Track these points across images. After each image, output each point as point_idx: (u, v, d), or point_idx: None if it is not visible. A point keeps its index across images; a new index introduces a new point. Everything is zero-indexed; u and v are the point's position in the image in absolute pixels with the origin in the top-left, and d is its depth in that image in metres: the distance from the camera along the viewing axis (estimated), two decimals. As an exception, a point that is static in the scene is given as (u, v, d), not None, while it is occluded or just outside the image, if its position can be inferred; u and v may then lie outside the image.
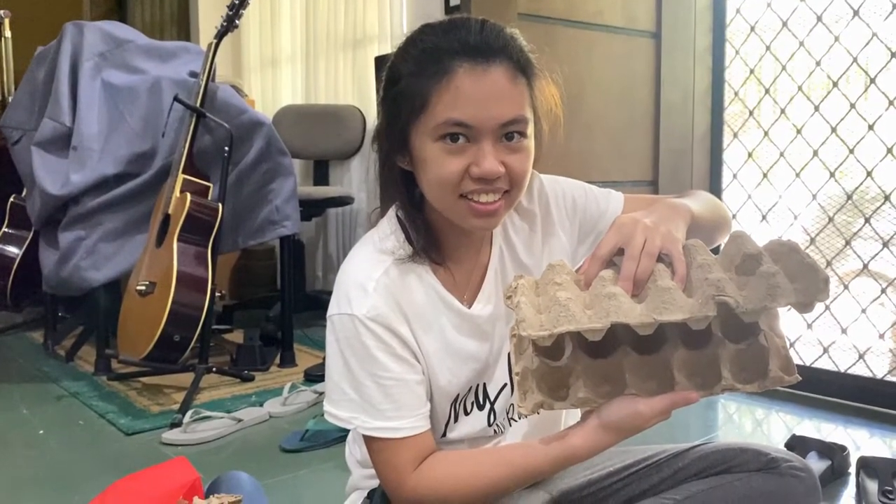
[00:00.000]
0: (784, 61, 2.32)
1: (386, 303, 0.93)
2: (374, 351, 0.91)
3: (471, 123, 0.87)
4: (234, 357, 2.64)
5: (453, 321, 0.98)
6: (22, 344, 3.11)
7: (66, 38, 2.72)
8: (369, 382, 0.92)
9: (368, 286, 0.93)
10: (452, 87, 0.86)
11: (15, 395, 2.40)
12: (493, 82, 0.87)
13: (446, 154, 0.88)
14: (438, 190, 0.91)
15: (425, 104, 0.88)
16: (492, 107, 0.87)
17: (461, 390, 1.00)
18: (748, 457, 1.02)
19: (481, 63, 0.86)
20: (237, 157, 2.47)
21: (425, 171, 0.91)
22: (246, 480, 1.32)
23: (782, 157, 2.33)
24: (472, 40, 0.88)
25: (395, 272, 0.95)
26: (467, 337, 0.99)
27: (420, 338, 0.96)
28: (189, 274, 2.23)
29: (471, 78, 0.86)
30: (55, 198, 2.54)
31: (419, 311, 0.96)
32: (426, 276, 0.97)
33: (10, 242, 3.19)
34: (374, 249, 0.97)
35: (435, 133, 0.88)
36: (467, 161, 0.88)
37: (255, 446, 1.93)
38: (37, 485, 1.71)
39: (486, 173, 0.87)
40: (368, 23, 3.54)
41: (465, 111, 0.86)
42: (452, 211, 0.92)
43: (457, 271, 1.00)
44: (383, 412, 0.92)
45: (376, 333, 0.92)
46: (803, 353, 2.29)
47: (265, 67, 4.27)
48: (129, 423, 2.06)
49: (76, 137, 2.58)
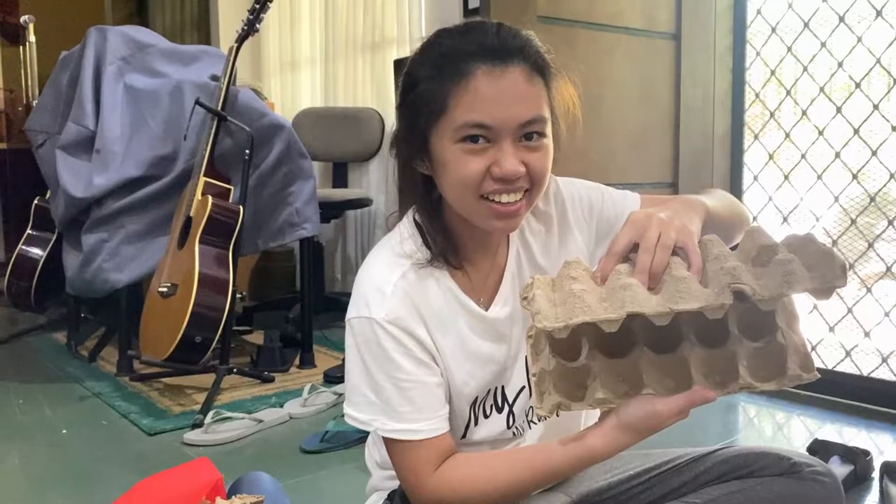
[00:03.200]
0: (805, 62, 2.31)
1: (404, 306, 0.93)
2: (393, 353, 0.92)
3: (490, 124, 0.87)
4: (255, 358, 2.66)
5: (471, 324, 0.99)
6: (45, 344, 3.15)
7: (90, 43, 2.76)
8: (388, 385, 0.93)
9: (386, 290, 0.93)
10: (471, 89, 0.87)
11: (38, 395, 2.43)
12: (510, 83, 0.87)
13: (467, 155, 0.89)
14: (459, 192, 0.91)
15: (444, 107, 0.88)
16: (510, 107, 0.87)
17: (480, 393, 1.00)
18: (770, 461, 1.02)
19: (499, 65, 0.87)
20: (258, 160, 2.49)
21: (446, 173, 0.91)
22: (267, 481, 1.33)
23: (804, 158, 2.32)
24: (489, 42, 0.88)
25: (413, 276, 0.96)
26: (485, 339, 1.00)
27: (438, 340, 0.96)
28: (211, 276, 2.25)
29: (489, 79, 0.87)
30: (79, 200, 2.57)
31: (437, 314, 0.96)
32: (444, 280, 0.98)
33: (34, 244, 3.23)
34: (392, 253, 0.98)
35: (455, 135, 0.88)
36: (488, 162, 0.88)
37: (276, 447, 1.94)
38: (60, 484, 1.74)
39: (507, 174, 0.88)
40: (387, 26, 3.55)
41: (484, 113, 0.87)
42: (473, 213, 0.93)
43: (474, 274, 1.01)
44: (402, 414, 0.92)
45: (394, 336, 0.92)
46: (825, 357, 2.27)
47: (285, 71, 4.30)
48: (152, 424, 2.08)
49: (99, 140, 2.61)
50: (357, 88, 3.76)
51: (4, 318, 3.72)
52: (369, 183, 3.72)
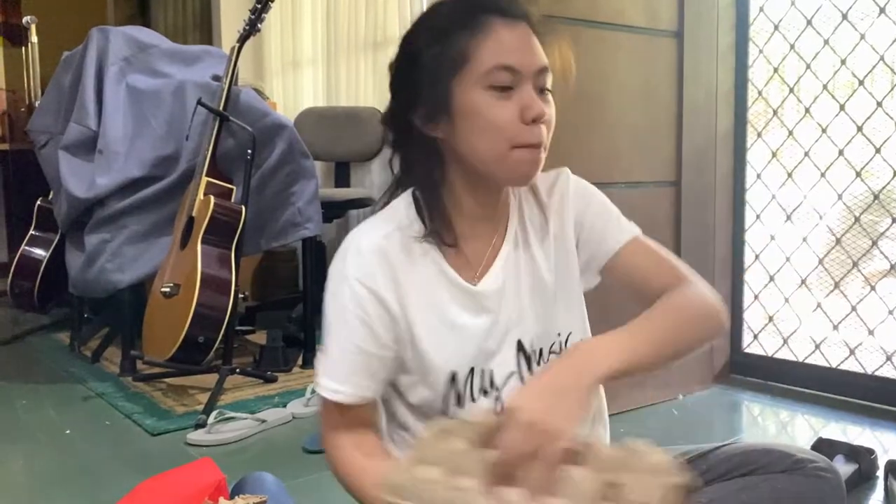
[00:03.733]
0: (808, 60, 2.30)
1: (377, 264, 0.95)
2: (349, 312, 0.96)
3: (517, 67, 0.92)
4: (258, 358, 2.66)
5: (452, 294, 0.99)
6: (49, 345, 3.16)
7: (92, 44, 2.76)
8: (334, 344, 0.98)
9: (364, 246, 0.97)
10: (493, 36, 0.92)
11: (42, 395, 2.43)
12: (524, 34, 0.94)
13: (497, 102, 0.92)
14: (491, 139, 0.93)
15: (467, 57, 0.92)
16: (529, 55, 0.94)
17: (459, 368, 0.99)
18: (773, 458, 1.02)
19: (512, 19, 0.94)
20: (260, 160, 2.49)
21: (472, 123, 0.93)
22: (270, 481, 1.33)
23: (807, 156, 2.31)
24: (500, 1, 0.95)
25: (398, 239, 0.98)
26: (466, 311, 0.99)
27: (409, 306, 0.97)
28: (213, 276, 2.25)
29: (508, 28, 0.93)
30: (81, 201, 2.58)
31: (415, 280, 0.97)
32: (431, 251, 0.99)
33: (37, 245, 3.24)
34: (380, 219, 1.01)
35: (484, 81, 0.92)
36: (517, 107, 0.92)
37: (279, 447, 1.94)
38: (64, 484, 1.74)
39: (539, 112, 0.92)
40: (389, 25, 3.55)
41: (511, 56, 0.92)
42: (502, 164, 0.94)
43: (468, 250, 1.01)
44: (326, 370, 0.98)
45: (358, 296, 0.95)
46: (830, 355, 2.27)
47: (287, 70, 4.30)
48: (155, 424, 2.08)
49: (102, 141, 2.61)
50: (359, 88, 3.76)
51: (8, 318, 3.73)
52: (371, 183, 3.72)
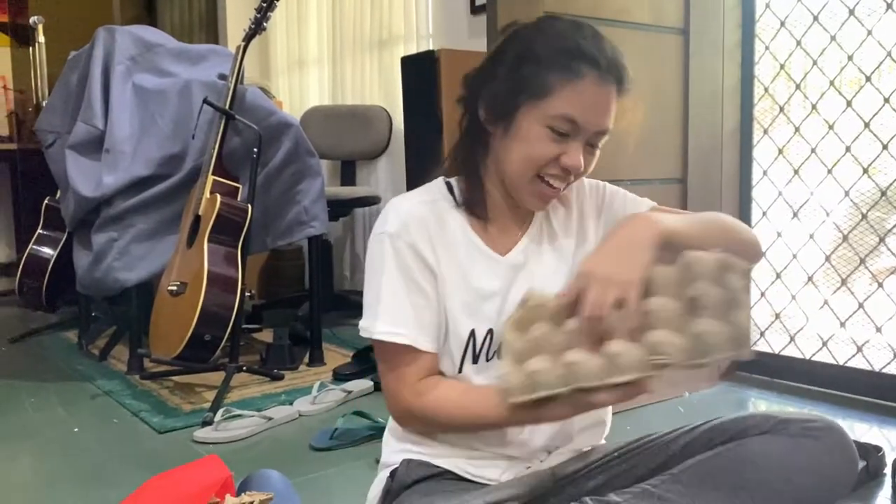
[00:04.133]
0: (815, 56, 2.29)
1: (415, 223, 1.04)
2: (392, 266, 1.03)
3: (580, 123, 1.00)
4: (264, 356, 2.67)
5: (478, 261, 1.07)
6: (57, 343, 3.17)
7: (98, 43, 2.77)
8: (384, 291, 1.03)
9: (402, 209, 1.06)
10: (578, 88, 0.99)
11: (51, 393, 2.44)
12: (606, 97, 1.02)
13: (548, 139, 1.01)
14: (524, 165, 1.03)
15: (548, 93, 1.00)
16: (599, 117, 1.02)
17: (477, 326, 1.06)
18: (755, 421, 1.00)
19: (605, 77, 1.00)
20: (266, 159, 2.50)
21: (520, 144, 1.02)
22: (276, 478, 1.34)
23: (814, 153, 2.30)
24: (605, 56, 1.01)
25: (435, 206, 1.08)
26: (489, 277, 1.07)
27: (442, 263, 1.05)
28: (219, 274, 2.26)
29: (594, 88, 1.00)
30: (88, 200, 2.58)
31: (446, 243, 1.06)
32: (461, 221, 1.08)
33: (44, 244, 3.25)
34: (417, 191, 1.12)
35: (547, 120, 1.00)
36: (560, 150, 1.01)
37: (285, 444, 1.95)
38: (73, 481, 1.75)
39: (572, 167, 1.02)
40: (395, 23, 3.55)
41: (580, 113, 1.00)
42: (522, 186, 1.04)
43: (495, 231, 1.10)
44: (392, 316, 1.03)
45: (398, 250, 1.03)
46: (837, 352, 2.26)
47: (292, 69, 4.31)
48: (162, 422, 2.09)
49: (108, 140, 2.62)
50: (365, 86, 3.76)
51: (16, 317, 3.75)
52: (377, 181, 3.72)
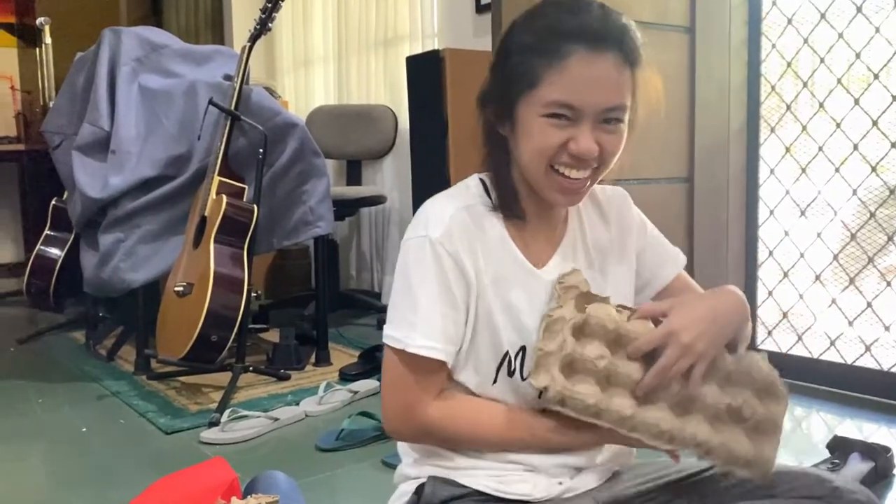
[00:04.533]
0: (822, 54, 2.28)
1: (458, 232, 0.97)
2: (432, 275, 0.96)
3: (577, 106, 0.92)
4: (271, 356, 2.67)
5: (516, 273, 1.01)
6: (64, 344, 3.18)
7: (104, 44, 2.77)
8: (423, 304, 0.96)
9: (446, 214, 0.98)
10: (565, 70, 0.91)
11: (58, 393, 2.45)
12: (602, 70, 0.92)
13: (549, 128, 0.94)
14: (534, 159, 0.96)
15: (536, 82, 0.93)
16: (598, 93, 0.92)
17: (511, 344, 1.00)
18: (809, 481, 0.99)
19: (595, 50, 0.91)
20: (271, 159, 2.50)
21: (526, 140, 0.96)
22: (282, 480, 1.34)
23: (821, 151, 2.29)
24: (592, 25, 0.93)
25: (475, 212, 1.00)
26: (524, 291, 1.01)
27: (482, 273, 0.99)
28: (226, 275, 2.26)
29: (583, 64, 0.91)
30: (95, 201, 2.59)
31: (486, 252, 0.99)
32: (499, 227, 1.01)
33: (52, 244, 3.26)
34: (455, 192, 1.04)
35: (542, 109, 0.93)
36: (567, 136, 0.94)
37: (292, 445, 1.95)
38: (80, 482, 1.75)
39: (582, 152, 0.93)
40: (400, 23, 3.55)
41: (573, 95, 0.92)
42: (541, 182, 0.98)
43: (531, 238, 1.04)
44: (430, 331, 0.96)
45: (439, 257, 0.96)
46: (845, 351, 2.25)
47: (298, 68, 4.31)
48: (169, 423, 2.09)
49: (114, 141, 2.62)
50: (370, 86, 3.76)
51: (24, 317, 3.77)
52: (383, 180, 3.72)
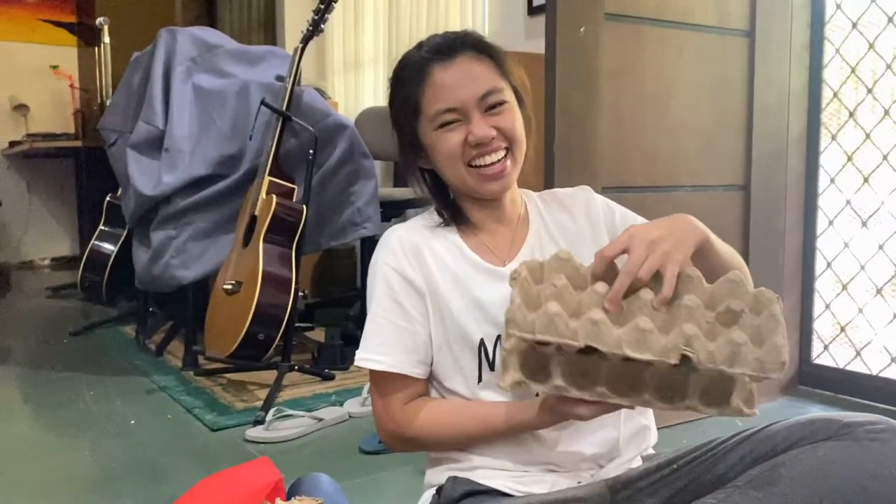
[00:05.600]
0: (889, 59, 2.19)
1: (403, 250, 1.09)
2: (381, 294, 1.08)
3: (455, 106, 1.04)
4: (316, 355, 2.68)
5: (476, 273, 1.09)
6: (116, 337, 3.25)
7: (160, 44, 2.82)
8: (371, 321, 1.08)
9: (392, 237, 1.11)
10: (431, 84, 1.05)
11: (109, 386, 2.50)
12: (461, 69, 1.05)
13: (446, 135, 1.06)
14: (450, 166, 1.07)
15: (418, 106, 1.07)
16: (467, 86, 1.05)
17: (487, 336, 1.06)
18: (818, 427, 0.94)
19: (448, 57, 1.05)
20: (321, 160, 2.51)
21: (436, 156, 1.08)
22: (326, 482, 1.33)
23: (885, 160, 2.21)
24: (437, 44, 1.07)
25: (425, 232, 1.12)
26: (489, 286, 1.08)
27: (437, 284, 1.08)
28: (274, 274, 2.27)
29: (443, 72, 1.05)
30: (148, 198, 2.64)
31: (439, 263, 1.09)
32: (452, 237, 1.12)
33: (106, 240, 3.34)
34: (408, 221, 1.17)
35: (433, 124, 1.06)
36: (463, 134, 1.05)
37: (335, 446, 1.95)
38: (129, 474, 1.78)
39: (479, 138, 1.04)
40: (451, 24, 3.54)
41: (447, 99, 1.05)
42: (467, 182, 1.08)
43: (492, 242, 1.12)
44: (373, 346, 1.07)
45: (388, 278, 1.07)
46: (871, 362, 2.17)
47: (348, 70, 4.33)
48: (215, 419, 2.11)
49: (168, 140, 2.67)
50: (419, 87, 3.76)
51: (78, 310, 3.86)
52: (430, 182, 3.71)
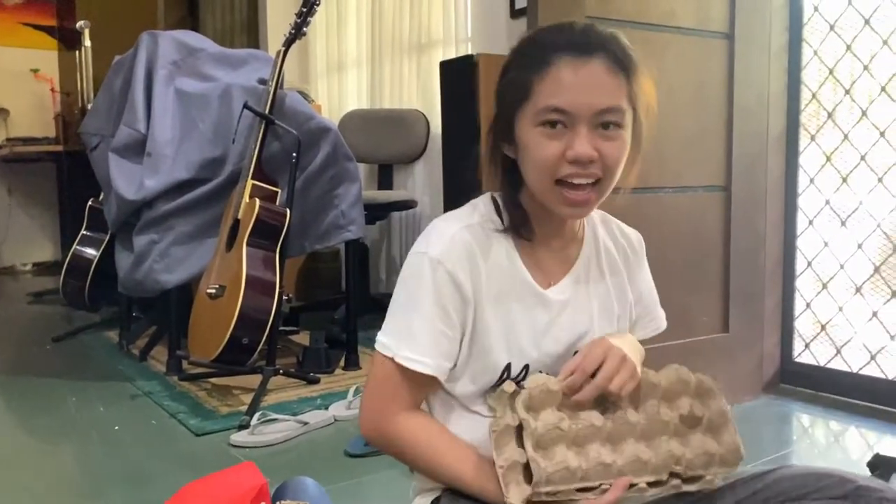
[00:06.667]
0: (866, 61, 2.23)
1: (458, 250, 0.98)
2: (429, 292, 0.98)
3: (568, 109, 0.93)
4: (301, 359, 2.68)
5: (522, 294, 1.02)
6: (99, 343, 3.22)
7: (142, 47, 2.81)
8: (416, 318, 0.99)
9: (447, 233, 1.00)
10: (553, 76, 0.93)
11: (92, 391, 2.48)
12: (591, 73, 0.93)
13: (545, 138, 0.95)
14: (537, 173, 0.97)
15: (528, 93, 0.95)
16: (589, 95, 0.93)
17: (514, 360, 1.02)
18: (831, 482, 0.96)
19: (582, 56, 0.93)
20: (304, 163, 2.51)
21: (527, 155, 0.98)
22: (312, 486, 1.33)
23: (863, 160, 2.24)
24: (575, 37, 0.95)
25: (480, 231, 1.01)
26: (530, 310, 1.03)
27: (481, 294, 1.00)
28: (258, 278, 2.27)
29: (571, 68, 0.93)
30: (130, 202, 2.62)
31: (489, 271, 1.00)
32: (508, 247, 1.02)
33: (88, 244, 3.31)
34: (463, 213, 1.05)
35: (536, 119, 0.95)
36: (564, 146, 0.94)
37: (321, 450, 1.95)
38: (113, 480, 1.77)
39: (579, 155, 0.93)
40: (433, 27, 3.55)
41: (563, 98, 0.93)
42: (548, 196, 0.98)
43: (543, 258, 1.05)
44: (419, 346, 0.98)
45: (437, 276, 0.98)
46: (885, 366, 2.19)
47: (331, 73, 4.33)
48: (199, 424, 2.10)
49: (150, 144, 2.65)
50: (403, 90, 3.76)
51: (60, 316, 3.83)
52: (414, 185, 3.72)
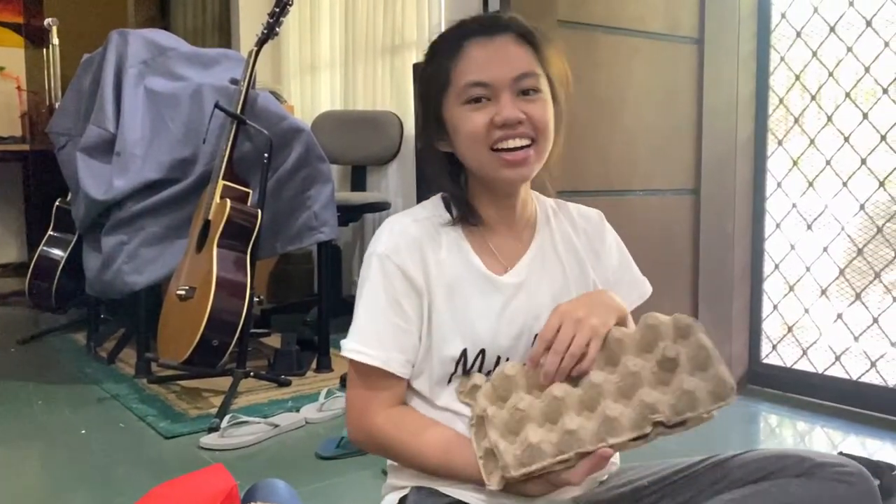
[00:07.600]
0: (831, 67, 2.27)
1: (406, 243, 1.03)
2: (378, 287, 1.02)
3: (487, 81, 1.00)
4: (272, 361, 2.66)
5: (475, 280, 1.05)
6: (66, 345, 3.17)
7: (111, 46, 2.77)
8: (364, 312, 1.03)
9: (396, 229, 1.05)
10: (467, 56, 1.01)
11: (59, 395, 2.44)
12: (500, 46, 1.02)
13: (472, 112, 1.01)
14: (471, 145, 1.02)
15: (448, 79, 1.02)
16: (502, 64, 1.01)
17: (469, 345, 1.04)
18: (789, 462, 0.98)
19: (489, 34, 1.02)
20: (276, 164, 2.49)
21: (458, 135, 1.03)
22: (282, 488, 1.32)
23: (829, 164, 2.28)
24: (482, 21, 1.05)
25: (429, 225, 1.06)
26: (483, 295, 1.05)
27: (433, 284, 1.03)
28: (228, 279, 2.25)
29: (480, 46, 1.01)
30: (99, 203, 2.59)
31: (440, 262, 1.04)
32: (458, 237, 1.06)
33: (55, 245, 3.26)
34: (411, 210, 1.10)
35: (459, 99, 1.01)
36: (490, 114, 1.00)
37: (292, 452, 1.94)
38: (78, 485, 1.75)
39: (506, 118, 0.99)
40: (407, 29, 3.55)
41: (479, 72, 1.00)
42: (487, 167, 1.03)
43: (496, 246, 1.08)
44: (366, 338, 1.02)
45: (386, 270, 1.02)
46: (850, 367, 2.23)
47: (304, 73, 4.31)
48: (168, 427, 2.08)
49: (119, 143, 2.62)
50: (376, 91, 3.76)
51: (26, 318, 3.76)
52: (388, 186, 3.71)
